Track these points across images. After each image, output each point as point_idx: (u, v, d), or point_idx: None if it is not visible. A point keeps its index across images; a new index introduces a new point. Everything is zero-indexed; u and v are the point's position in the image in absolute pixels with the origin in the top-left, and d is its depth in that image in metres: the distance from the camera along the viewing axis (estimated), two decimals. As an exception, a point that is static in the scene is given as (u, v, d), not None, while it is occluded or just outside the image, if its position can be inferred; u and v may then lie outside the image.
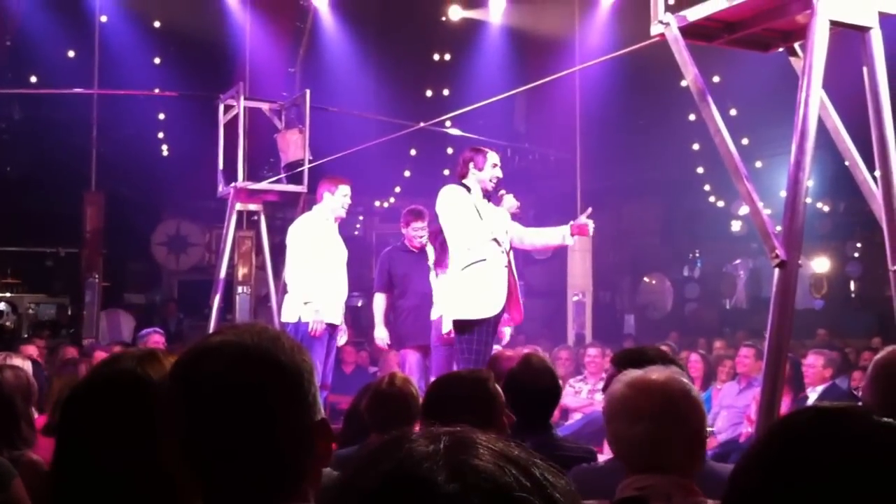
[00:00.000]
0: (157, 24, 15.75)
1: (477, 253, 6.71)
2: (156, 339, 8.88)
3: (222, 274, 10.30)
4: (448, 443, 1.00)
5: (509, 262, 6.91)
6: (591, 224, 7.06)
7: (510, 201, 6.99)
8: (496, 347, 7.36)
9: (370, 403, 3.87)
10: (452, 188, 6.90)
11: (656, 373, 2.58)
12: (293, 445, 1.55)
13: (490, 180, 6.92)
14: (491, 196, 6.98)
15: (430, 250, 8.27)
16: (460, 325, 6.70)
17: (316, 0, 15.65)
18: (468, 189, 6.89)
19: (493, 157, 7.01)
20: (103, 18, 15.15)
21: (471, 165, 6.94)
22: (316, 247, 7.76)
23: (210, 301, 10.16)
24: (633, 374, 2.61)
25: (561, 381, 9.56)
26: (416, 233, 8.31)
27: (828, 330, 14.29)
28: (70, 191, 15.13)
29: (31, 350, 9.05)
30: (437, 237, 7.77)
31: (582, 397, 9.45)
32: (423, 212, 8.33)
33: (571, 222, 7.18)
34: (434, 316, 7.72)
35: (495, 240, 6.82)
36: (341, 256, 8.00)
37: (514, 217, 7.07)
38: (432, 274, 8.08)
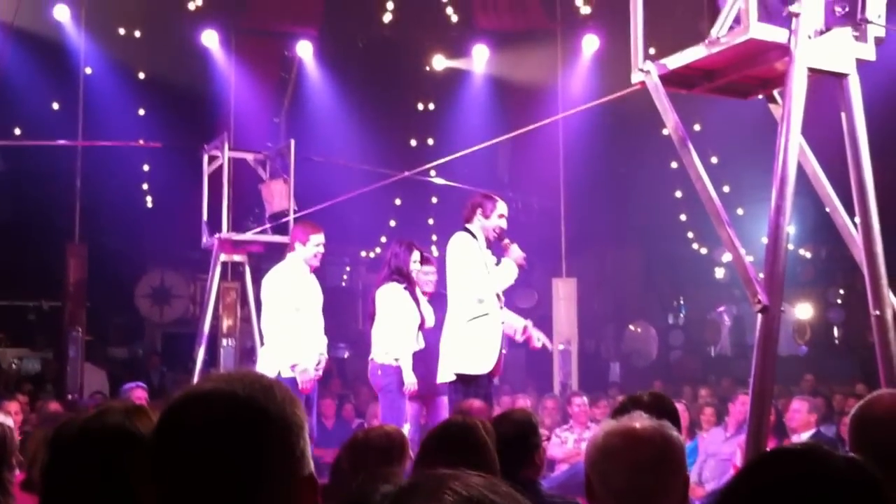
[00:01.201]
0: (141, 75, 15.80)
1: (483, 306, 6.81)
2: (138, 394, 8.77)
3: (206, 326, 10.22)
4: (408, 484, 1.00)
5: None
6: (544, 341, 7.38)
7: (516, 252, 7.02)
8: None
9: (350, 455, 3.83)
10: (463, 237, 6.99)
11: (639, 421, 2.52)
12: (278, 499, 1.53)
13: (493, 229, 6.99)
14: (492, 245, 7.01)
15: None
16: (460, 378, 6.79)
17: (300, 51, 15.77)
18: (474, 236, 6.96)
19: (501, 207, 7.08)
20: (88, 70, 15.20)
21: (478, 211, 7.02)
22: (293, 298, 7.58)
23: (194, 354, 10.08)
24: (615, 423, 2.54)
25: (547, 431, 9.56)
26: (427, 277, 8.16)
27: (813, 376, 14.27)
28: (53, 243, 15.07)
29: (13, 406, 8.92)
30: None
31: (568, 447, 9.40)
32: (431, 258, 8.30)
33: (527, 322, 7.26)
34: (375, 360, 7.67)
35: (497, 294, 6.92)
36: (318, 306, 7.80)
37: (520, 268, 7.09)
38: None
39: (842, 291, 17.36)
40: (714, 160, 13.47)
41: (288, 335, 7.46)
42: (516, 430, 4.05)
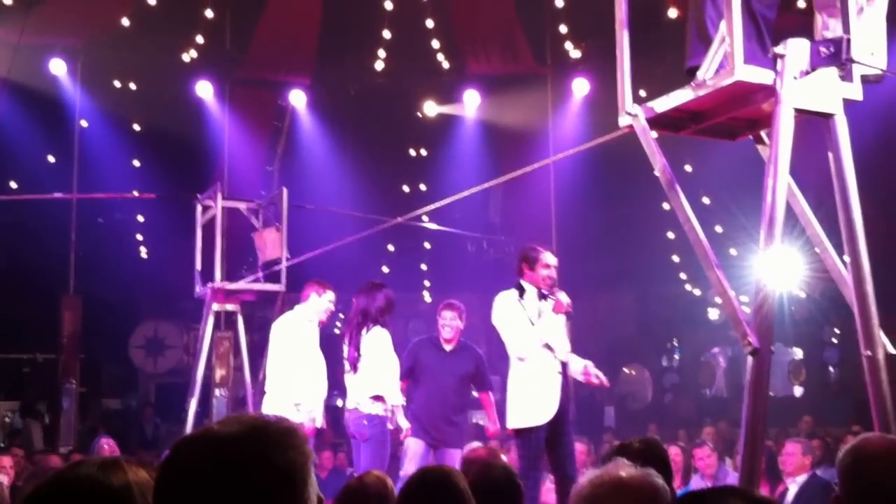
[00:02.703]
0: (136, 127, 15.89)
1: (531, 361, 6.83)
2: (103, 442, 8.70)
3: (199, 376, 10.17)
4: None
5: (564, 367, 6.94)
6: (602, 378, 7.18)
7: (558, 300, 6.98)
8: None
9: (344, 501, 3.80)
10: (503, 295, 7.03)
11: (624, 469, 2.44)
12: None
13: (543, 280, 6.98)
14: (546, 296, 7.00)
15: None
16: (516, 431, 6.88)
17: (293, 100, 15.87)
18: (522, 290, 6.98)
19: (546, 258, 7.04)
20: (83, 123, 15.29)
21: (524, 265, 7.04)
22: (303, 347, 7.71)
23: (186, 404, 10.02)
24: (599, 473, 2.44)
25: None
26: (444, 321, 8.12)
27: (811, 418, 14.15)
28: (47, 295, 15.06)
29: (7, 460, 8.84)
30: (352, 337, 7.75)
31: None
32: (455, 304, 8.26)
33: (587, 363, 7.16)
34: (350, 406, 7.64)
35: (547, 346, 6.89)
36: (322, 358, 7.92)
37: (567, 315, 7.08)
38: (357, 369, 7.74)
39: (836, 331, 17.31)
40: (706, 200, 13.50)
41: (298, 382, 7.56)
42: (500, 479, 4.01)
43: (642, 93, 5.06)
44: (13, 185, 15.84)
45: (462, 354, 8.14)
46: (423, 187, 17.19)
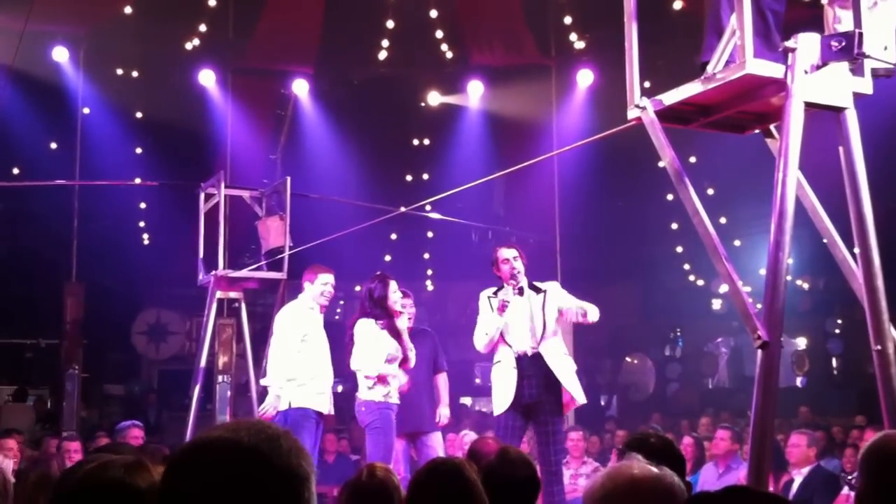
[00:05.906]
0: (139, 114, 15.87)
1: (497, 354, 7.16)
2: (135, 433, 8.62)
3: (202, 363, 10.17)
4: None
5: (522, 356, 7.05)
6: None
7: (504, 296, 7.18)
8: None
9: (351, 498, 3.78)
10: (483, 293, 7.35)
11: (638, 468, 2.41)
12: None
13: (505, 274, 7.23)
14: (522, 290, 7.21)
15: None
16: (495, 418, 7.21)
17: (296, 88, 15.84)
18: (499, 287, 7.24)
19: (502, 253, 7.31)
20: (86, 110, 15.27)
21: (493, 268, 7.34)
22: (298, 334, 7.70)
23: (190, 391, 10.03)
24: (614, 471, 2.44)
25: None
26: (405, 311, 8.06)
27: (810, 408, 14.18)
28: (50, 282, 15.08)
29: (11, 443, 8.84)
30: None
31: (564, 482, 9.29)
32: (409, 292, 8.28)
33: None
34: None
35: (504, 340, 7.13)
36: (326, 345, 7.92)
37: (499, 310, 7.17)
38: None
39: (840, 322, 17.34)
40: (710, 192, 13.49)
41: (294, 369, 7.57)
42: (521, 475, 3.99)
43: (646, 84, 5.04)
44: (15, 171, 15.84)
45: (422, 339, 8.15)
46: (425, 176, 17.19)
